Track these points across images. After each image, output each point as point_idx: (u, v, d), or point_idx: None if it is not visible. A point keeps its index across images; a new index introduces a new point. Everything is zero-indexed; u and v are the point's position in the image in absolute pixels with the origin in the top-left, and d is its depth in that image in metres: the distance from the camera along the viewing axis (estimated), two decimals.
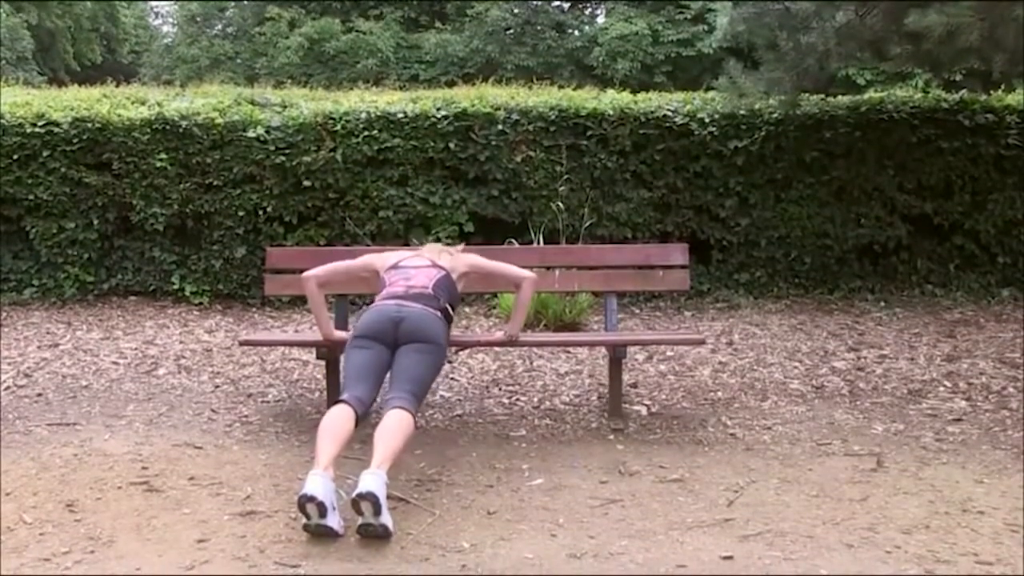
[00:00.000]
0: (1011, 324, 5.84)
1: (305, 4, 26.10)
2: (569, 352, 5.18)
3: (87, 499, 3.09)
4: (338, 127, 6.18)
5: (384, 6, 25.85)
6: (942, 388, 4.55)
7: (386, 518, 2.75)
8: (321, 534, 2.74)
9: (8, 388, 4.54)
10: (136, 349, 5.24)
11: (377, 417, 3.17)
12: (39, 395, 4.45)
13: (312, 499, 2.68)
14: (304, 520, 2.74)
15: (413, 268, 3.66)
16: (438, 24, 25.43)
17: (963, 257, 6.61)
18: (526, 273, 3.77)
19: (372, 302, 3.58)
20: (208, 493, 3.15)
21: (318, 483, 2.72)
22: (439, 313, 3.46)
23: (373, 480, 2.74)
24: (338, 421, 3.01)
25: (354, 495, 2.72)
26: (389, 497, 2.85)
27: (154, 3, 36.66)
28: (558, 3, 26.70)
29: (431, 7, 26.02)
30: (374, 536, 2.74)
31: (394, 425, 2.99)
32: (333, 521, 2.74)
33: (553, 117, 6.32)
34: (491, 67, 22.66)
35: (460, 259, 3.81)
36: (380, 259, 3.79)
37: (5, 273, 6.24)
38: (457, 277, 3.72)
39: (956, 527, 2.87)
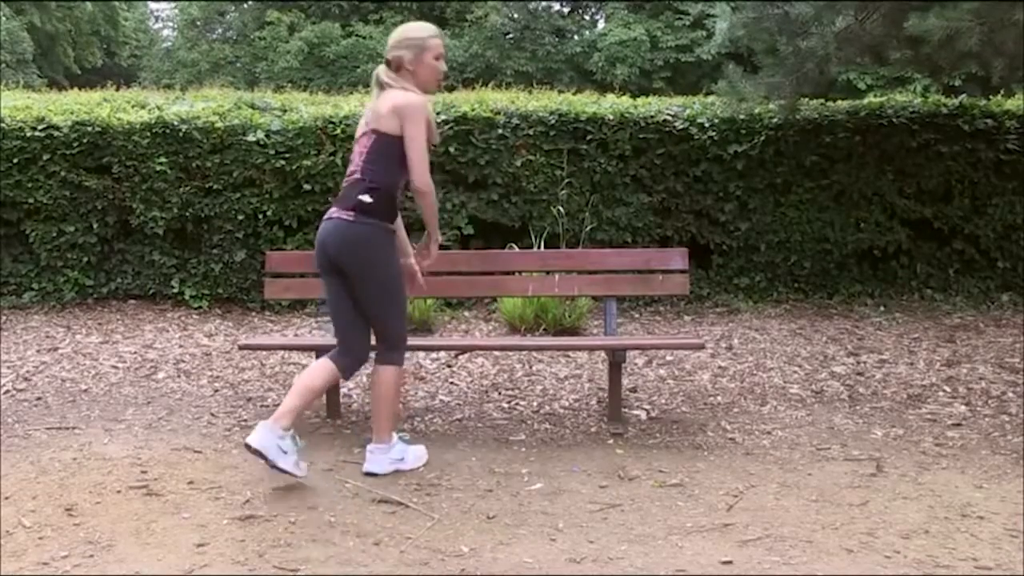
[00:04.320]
0: (1011, 329, 5.84)
1: (305, 8, 26.15)
2: (569, 356, 5.18)
3: (86, 503, 3.09)
4: (338, 131, 6.18)
5: (384, 11, 25.90)
6: (942, 393, 4.55)
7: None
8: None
9: (7, 392, 4.54)
10: (135, 353, 5.24)
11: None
12: (38, 399, 4.44)
13: (248, 447, 3.03)
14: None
15: (357, 141, 3.23)
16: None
17: (963, 262, 6.61)
18: (419, 184, 3.23)
19: None
20: (207, 497, 3.15)
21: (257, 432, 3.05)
22: (352, 213, 3.07)
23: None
24: (313, 374, 3.22)
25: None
26: (387, 501, 2.84)
27: (154, 7, 36.76)
28: (558, 9, 26.75)
29: (431, 12, 26.06)
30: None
31: (376, 389, 3.30)
32: (287, 464, 3.07)
33: (553, 121, 6.33)
34: (491, 72, 22.69)
35: (405, 115, 3.11)
36: None
37: (5, 277, 6.23)
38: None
39: (955, 532, 2.87)
